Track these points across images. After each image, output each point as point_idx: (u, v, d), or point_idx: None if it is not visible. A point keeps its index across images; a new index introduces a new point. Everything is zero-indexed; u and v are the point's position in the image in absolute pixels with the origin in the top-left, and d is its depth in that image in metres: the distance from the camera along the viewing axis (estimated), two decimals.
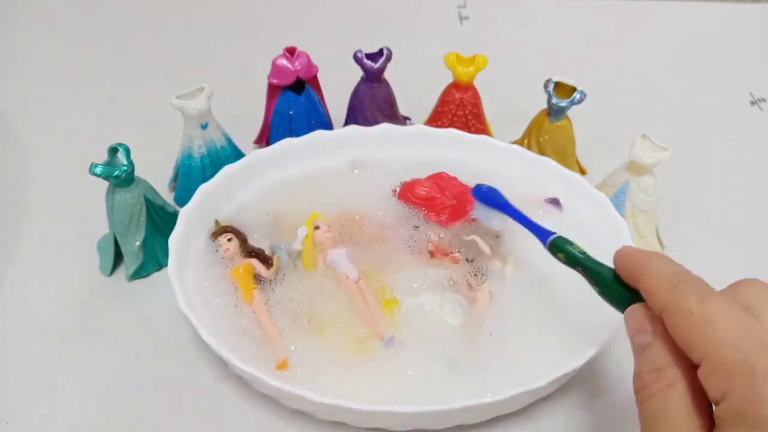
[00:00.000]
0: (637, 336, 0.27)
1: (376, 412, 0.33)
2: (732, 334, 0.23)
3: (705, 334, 0.24)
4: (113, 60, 0.68)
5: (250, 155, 0.47)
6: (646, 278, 0.27)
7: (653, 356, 0.26)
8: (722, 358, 0.23)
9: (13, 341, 0.41)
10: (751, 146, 0.59)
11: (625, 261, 0.29)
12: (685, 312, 0.25)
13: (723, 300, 0.25)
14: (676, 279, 0.26)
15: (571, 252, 0.34)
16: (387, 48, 0.50)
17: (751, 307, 0.25)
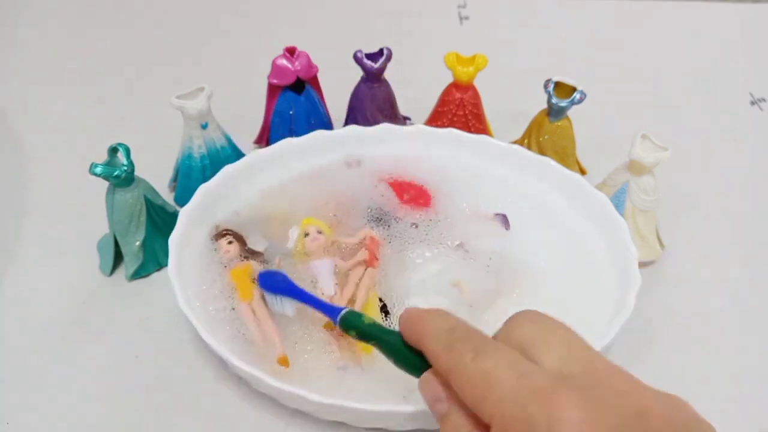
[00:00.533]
0: (434, 405, 0.27)
1: (376, 412, 0.33)
2: (508, 387, 0.23)
3: (485, 393, 0.24)
4: (113, 60, 0.68)
5: (250, 155, 0.47)
6: (426, 341, 0.27)
7: (453, 423, 0.25)
8: (505, 416, 0.23)
9: (13, 341, 0.41)
10: (751, 146, 0.59)
11: (408, 323, 0.29)
12: (463, 373, 0.25)
13: (496, 351, 0.25)
14: (452, 337, 0.26)
15: (362, 325, 0.32)
16: (387, 48, 0.50)
17: (526, 344, 0.25)
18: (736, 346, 0.42)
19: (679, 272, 0.46)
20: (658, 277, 0.46)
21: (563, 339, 0.26)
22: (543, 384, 0.23)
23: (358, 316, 0.33)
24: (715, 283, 0.46)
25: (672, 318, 0.43)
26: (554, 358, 0.24)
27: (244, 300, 0.39)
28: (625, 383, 0.24)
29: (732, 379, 0.40)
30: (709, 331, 0.43)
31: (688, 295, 0.45)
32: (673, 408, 0.23)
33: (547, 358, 0.24)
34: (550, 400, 0.22)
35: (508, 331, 0.27)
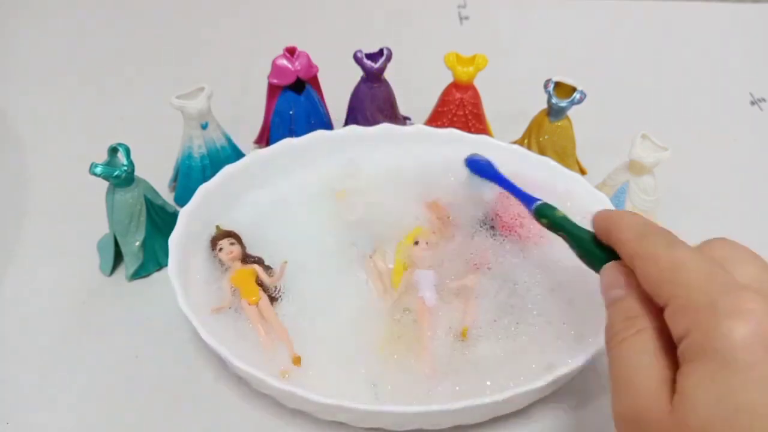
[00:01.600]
0: (610, 291, 0.28)
1: (376, 412, 0.33)
2: (696, 276, 0.24)
3: (671, 277, 0.25)
4: (113, 60, 0.68)
5: (250, 155, 0.47)
6: (617, 231, 0.29)
7: (625, 307, 0.27)
8: (686, 298, 0.24)
9: (13, 341, 0.41)
10: (751, 146, 0.59)
11: (601, 220, 0.30)
12: (653, 258, 0.26)
13: (690, 249, 0.26)
14: (645, 230, 0.28)
15: (554, 216, 0.35)
16: (387, 48, 0.50)
17: (719, 259, 0.26)
18: None
19: None
20: None
21: (758, 263, 0.26)
22: (731, 281, 0.24)
23: (552, 208, 0.36)
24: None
25: None
26: (747, 275, 0.25)
27: (252, 302, 0.39)
28: None
29: None
30: None
31: None
32: None
33: (740, 273, 0.25)
34: (737, 294, 0.23)
35: (705, 246, 0.28)
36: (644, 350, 0.25)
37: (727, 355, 0.22)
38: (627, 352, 0.26)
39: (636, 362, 0.25)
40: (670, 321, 0.24)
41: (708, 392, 0.22)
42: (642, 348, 0.25)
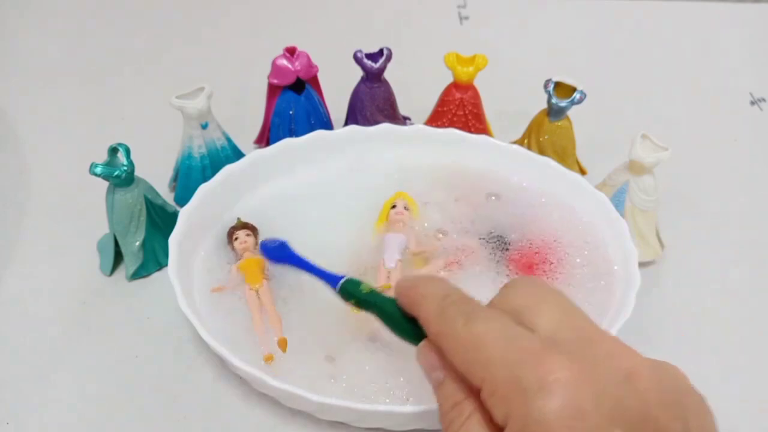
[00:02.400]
0: (431, 373, 0.27)
1: (376, 412, 0.33)
2: (498, 350, 0.23)
3: (475, 357, 0.24)
4: (113, 60, 0.68)
5: (250, 155, 0.47)
6: (419, 306, 0.27)
7: (449, 391, 0.26)
8: (494, 378, 0.23)
9: (13, 341, 0.41)
10: (751, 146, 0.59)
11: (403, 290, 0.29)
12: (454, 338, 0.25)
13: (488, 316, 0.25)
14: (444, 303, 0.26)
15: (359, 294, 0.32)
16: (387, 48, 0.50)
17: (520, 310, 0.25)
18: (736, 346, 0.42)
19: (679, 272, 0.46)
20: (658, 277, 0.46)
21: (557, 305, 0.25)
22: (533, 347, 0.23)
23: (356, 284, 0.33)
24: (715, 283, 0.46)
25: (672, 318, 0.43)
26: (547, 323, 0.24)
27: (253, 285, 0.40)
28: (616, 348, 0.24)
29: (732, 379, 0.40)
30: (709, 331, 0.43)
31: (688, 295, 0.45)
32: (664, 373, 0.23)
33: (541, 323, 0.24)
34: (539, 361, 0.22)
35: (504, 297, 0.27)
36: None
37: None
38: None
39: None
40: (488, 405, 0.23)
41: None
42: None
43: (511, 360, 0.23)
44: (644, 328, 0.42)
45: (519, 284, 0.27)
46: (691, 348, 0.42)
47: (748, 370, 0.41)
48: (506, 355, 0.23)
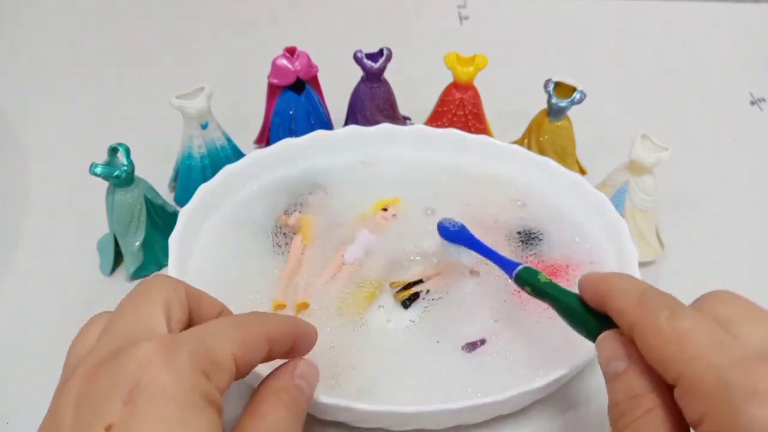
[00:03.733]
0: (610, 363, 0.26)
1: (376, 412, 0.33)
2: (705, 350, 0.22)
3: (677, 352, 0.23)
4: (113, 60, 0.68)
5: (250, 155, 0.47)
6: (613, 298, 0.27)
7: (629, 383, 0.25)
8: (696, 377, 0.22)
9: (13, 341, 0.41)
10: (751, 146, 0.59)
11: (590, 285, 0.28)
12: (655, 329, 0.24)
13: (694, 315, 0.24)
14: (644, 296, 0.26)
15: (538, 283, 0.33)
16: (387, 48, 0.50)
17: (723, 320, 0.24)
18: None
19: (679, 272, 0.46)
20: (658, 277, 0.46)
21: (764, 319, 0.24)
22: (743, 353, 0.22)
23: (534, 273, 0.33)
24: (715, 283, 0.45)
25: None
26: (755, 336, 0.23)
27: (305, 240, 0.42)
28: None
29: None
30: None
31: (688, 295, 0.45)
32: None
33: (747, 335, 0.23)
34: (751, 368, 0.21)
35: (704, 304, 0.26)
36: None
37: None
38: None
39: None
40: (682, 403, 0.23)
41: None
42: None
43: (718, 361, 0.22)
44: None
45: (719, 295, 0.26)
46: None
47: None
48: (713, 355, 0.22)
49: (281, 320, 0.29)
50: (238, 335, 0.26)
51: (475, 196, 0.46)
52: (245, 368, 0.26)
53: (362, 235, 0.43)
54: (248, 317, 0.28)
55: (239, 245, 0.43)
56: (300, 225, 0.44)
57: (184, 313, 0.27)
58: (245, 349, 0.26)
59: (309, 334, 0.30)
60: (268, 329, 0.27)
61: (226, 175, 0.45)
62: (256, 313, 0.30)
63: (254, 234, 0.43)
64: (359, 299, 0.40)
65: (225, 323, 0.27)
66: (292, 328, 0.29)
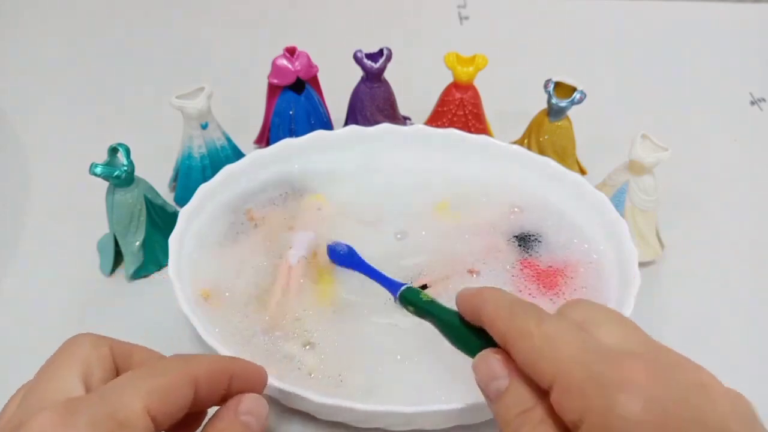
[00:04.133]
0: (491, 384, 0.26)
1: (376, 412, 0.33)
2: (574, 349, 0.23)
3: (548, 354, 0.24)
4: (113, 60, 0.68)
5: (250, 155, 0.47)
6: (486, 310, 0.27)
7: (516, 398, 0.25)
8: (569, 376, 0.23)
9: (13, 341, 0.41)
10: (751, 146, 0.59)
11: (465, 299, 0.29)
12: (526, 335, 0.25)
13: (559, 319, 0.25)
14: (513, 306, 0.26)
15: (419, 302, 0.33)
16: (387, 48, 0.50)
17: (582, 325, 0.25)
18: (736, 346, 0.42)
19: (679, 272, 0.46)
20: (658, 277, 0.46)
21: (620, 321, 0.26)
22: (608, 349, 0.23)
23: (416, 292, 0.34)
24: (715, 283, 0.46)
25: (672, 318, 0.43)
26: (612, 336, 0.24)
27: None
28: (684, 361, 0.24)
29: (732, 379, 0.40)
30: (709, 331, 0.43)
31: (688, 295, 0.45)
32: (735, 393, 0.23)
33: (606, 336, 0.25)
34: (617, 362, 0.22)
35: (564, 313, 0.27)
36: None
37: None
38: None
39: None
40: (559, 406, 0.23)
41: None
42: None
43: (587, 359, 0.23)
44: (644, 328, 0.41)
45: (577, 302, 0.27)
46: (691, 348, 0.41)
47: (748, 370, 0.41)
48: (582, 354, 0.23)
49: (209, 360, 0.28)
50: (151, 385, 0.25)
51: (472, 198, 0.46)
52: (166, 419, 0.25)
53: (297, 236, 0.43)
54: (166, 362, 0.27)
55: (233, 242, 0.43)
56: (266, 221, 0.44)
57: (107, 371, 0.27)
58: (162, 399, 0.25)
59: (249, 372, 0.29)
60: (192, 372, 0.26)
61: (226, 175, 0.45)
62: (177, 357, 0.28)
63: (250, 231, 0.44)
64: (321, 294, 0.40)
65: (136, 375, 0.25)
66: (224, 367, 0.28)
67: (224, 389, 0.28)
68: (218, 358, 0.28)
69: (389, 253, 0.43)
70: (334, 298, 0.40)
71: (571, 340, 0.24)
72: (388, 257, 0.42)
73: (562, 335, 0.24)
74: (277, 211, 0.45)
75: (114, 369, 0.27)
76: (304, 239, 0.43)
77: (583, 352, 0.23)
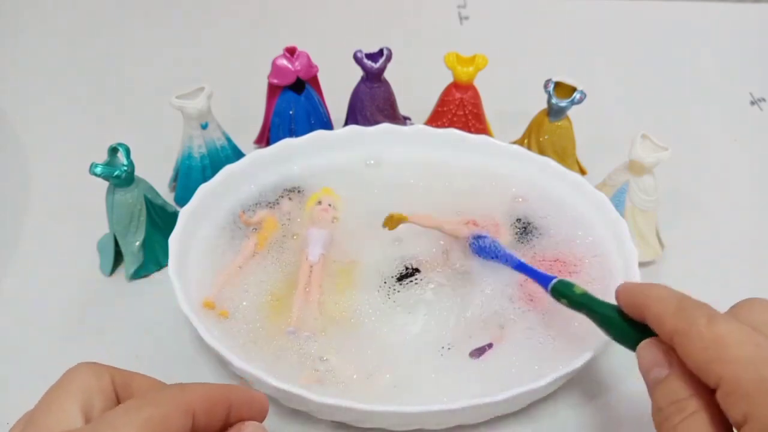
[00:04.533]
0: (651, 371, 0.27)
1: (376, 412, 0.33)
2: (744, 352, 0.23)
3: (718, 355, 0.24)
4: (113, 59, 0.68)
5: (250, 155, 0.47)
6: (651, 307, 0.28)
7: (672, 388, 0.26)
8: (738, 378, 0.23)
9: (13, 341, 0.41)
10: (751, 146, 0.59)
11: (628, 295, 0.30)
12: (695, 335, 0.25)
13: (731, 320, 0.25)
14: (682, 304, 0.27)
15: (573, 295, 0.33)
16: (387, 48, 0.50)
17: (758, 325, 0.25)
18: None
19: (679, 272, 0.46)
20: (658, 277, 0.46)
21: None
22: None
23: (570, 285, 0.34)
24: (715, 283, 0.46)
25: None
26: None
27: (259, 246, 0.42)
28: None
29: None
30: None
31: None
32: None
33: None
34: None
35: (738, 312, 0.27)
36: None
37: None
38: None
39: None
40: (724, 404, 0.24)
41: None
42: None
43: (757, 361, 0.23)
44: None
45: (754, 301, 0.27)
46: None
47: None
48: (754, 357, 0.23)
49: (206, 389, 0.27)
50: (146, 416, 0.24)
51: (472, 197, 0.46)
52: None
53: (313, 233, 0.43)
54: (162, 392, 0.27)
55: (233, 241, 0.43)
56: (263, 225, 0.44)
57: (108, 401, 0.27)
58: (157, 430, 0.24)
59: (250, 400, 0.29)
60: (188, 401, 0.26)
61: (226, 175, 0.45)
62: (174, 386, 0.28)
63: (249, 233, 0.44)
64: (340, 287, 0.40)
65: (131, 406, 0.25)
66: (222, 395, 0.28)
67: (223, 418, 0.28)
68: (216, 387, 0.28)
69: (389, 253, 0.43)
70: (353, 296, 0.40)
71: (743, 341, 0.24)
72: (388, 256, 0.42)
73: (733, 337, 0.24)
74: (277, 211, 0.45)
75: (115, 399, 0.27)
76: (319, 237, 0.43)
77: (754, 354, 0.23)
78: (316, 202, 0.45)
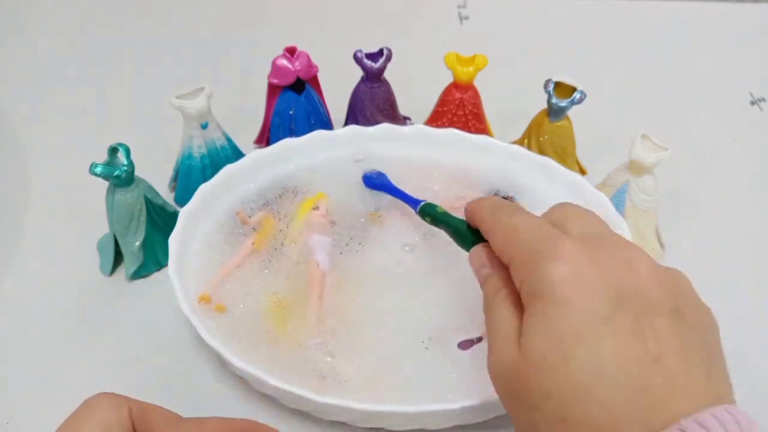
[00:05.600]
0: (480, 270, 0.31)
1: (376, 412, 0.33)
2: (527, 235, 0.28)
3: (510, 239, 0.29)
4: (114, 60, 0.68)
5: (250, 155, 0.47)
6: (477, 213, 0.33)
7: (493, 284, 0.30)
8: (519, 253, 0.28)
9: (13, 341, 0.41)
10: (751, 146, 0.59)
11: (469, 208, 0.34)
12: (499, 226, 0.30)
13: (527, 215, 0.30)
14: (495, 207, 0.32)
15: (435, 213, 0.38)
16: (387, 48, 0.50)
17: (557, 221, 0.29)
18: (736, 346, 0.42)
19: None
20: None
21: (586, 215, 0.30)
22: (555, 234, 0.28)
23: (433, 206, 0.39)
24: (715, 283, 0.46)
25: None
26: (575, 228, 0.28)
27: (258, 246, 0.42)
28: (626, 243, 0.28)
29: (732, 379, 0.40)
30: None
31: None
32: (665, 269, 0.27)
33: (572, 228, 0.28)
34: (555, 241, 0.27)
35: (548, 212, 0.31)
36: (504, 309, 0.28)
37: (549, 293, 0.25)
38: (493, 314, 0.29)
39: (498, 322, 0.28)
40: (513, 278, 0.28)
41: (539, 327, 0.25)
42: (503, 308, 0.28)
43: (535, 242, 0.27)
44: None
45: (559, 205, 0.31)
46: None
47: (748, 370, 0.41)
48: (533, 238, 0.28)
49: (223, 424, 0.29)
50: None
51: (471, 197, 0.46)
52: None
53: (317, 240, 0.43)
54: (179, 427, 0.28)
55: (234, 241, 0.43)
56: (262, 225, 0.44)
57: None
58: None
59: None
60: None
61: (226, 175, 0.45)
62: (190, 420, 0.29)
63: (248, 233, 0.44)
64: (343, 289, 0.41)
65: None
66: (237, 429, 0.29)
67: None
68: (233, 422, 0.29)
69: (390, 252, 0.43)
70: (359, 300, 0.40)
71: (529, 229, 0.28)
72: (389, 257, 0.42)
73: (523, 225, 0.29)
74: (277, 211, 0.45)
75: (133, 430, 0.28)
76: (323, 244, 0.42)
77: (535, 238, 0.28)
78: (313, 208, 0.45)
